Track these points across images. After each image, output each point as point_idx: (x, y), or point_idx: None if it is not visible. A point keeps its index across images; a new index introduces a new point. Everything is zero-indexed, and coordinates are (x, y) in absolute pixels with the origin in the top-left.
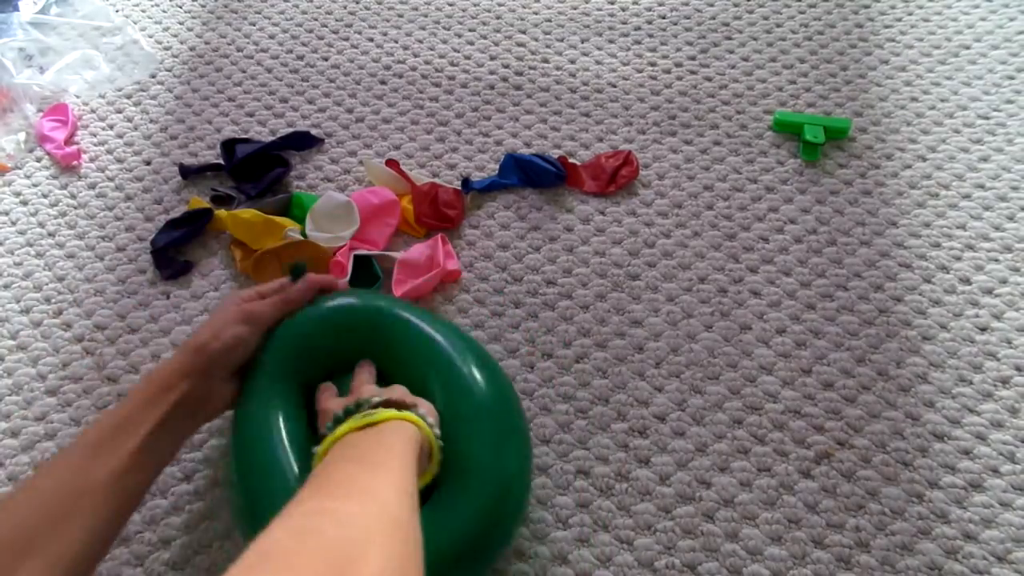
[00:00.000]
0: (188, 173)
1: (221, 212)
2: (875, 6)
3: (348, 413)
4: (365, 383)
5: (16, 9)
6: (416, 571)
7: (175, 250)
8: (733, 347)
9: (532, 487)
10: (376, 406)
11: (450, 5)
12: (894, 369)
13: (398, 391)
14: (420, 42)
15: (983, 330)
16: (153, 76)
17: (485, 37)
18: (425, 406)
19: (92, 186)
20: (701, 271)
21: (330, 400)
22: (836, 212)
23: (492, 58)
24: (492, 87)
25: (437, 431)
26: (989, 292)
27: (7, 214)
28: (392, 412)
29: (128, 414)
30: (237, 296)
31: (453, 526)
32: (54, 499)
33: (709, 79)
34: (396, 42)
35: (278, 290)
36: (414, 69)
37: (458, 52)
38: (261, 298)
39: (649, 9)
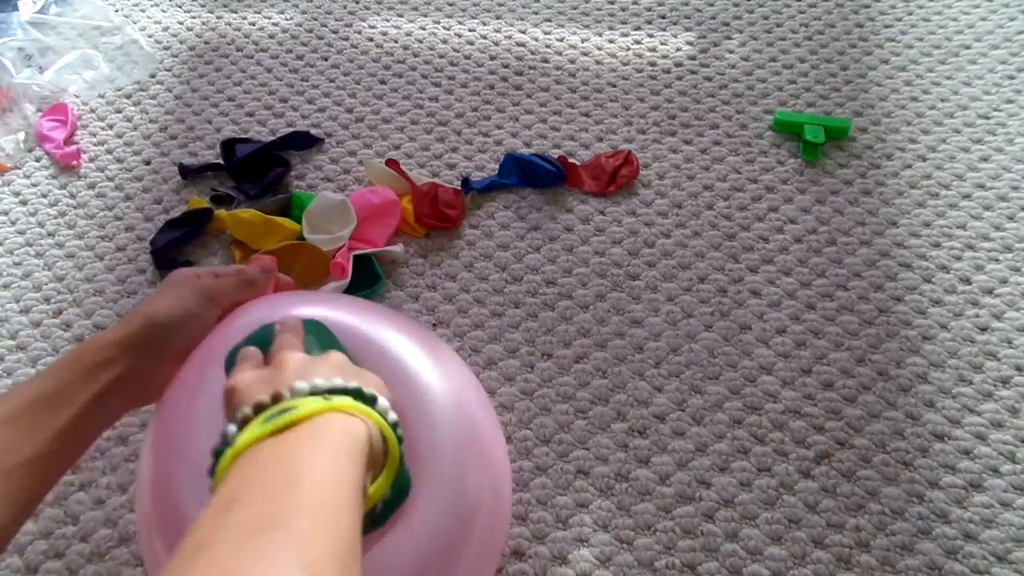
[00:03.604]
0: (188, 173)
1: (221, 212)
2: (875, 6)
3: (259, 411)
4: (287, 349)
5: (15, 9)
6: None
7: (175, 250)
8: (733, 347)
9: (531, 487)
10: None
11: (450, 5)
12: (894, 369)
13: (334, 359)
14: (420, 42)
15: (983, 330)
16: (153, 76)
17: (485, 37)
18: (371, 380)
19: (92, 186)
20: (701, 271)
21: (244, 374)
22: (836, 212)
23: (492, 58)
24: (492, 87)
25: (392, 416)
26: (989, 292)
27: (6, 214)
28: (319, 403)
29: (55, 388)
30: (191, 271)
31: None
32: None
33: (709, 79)
34: (396, 42)
35: (236, 273)
36: (414, 69)
37: (458, 52)
38: (214, 274)
39: (649, 9)
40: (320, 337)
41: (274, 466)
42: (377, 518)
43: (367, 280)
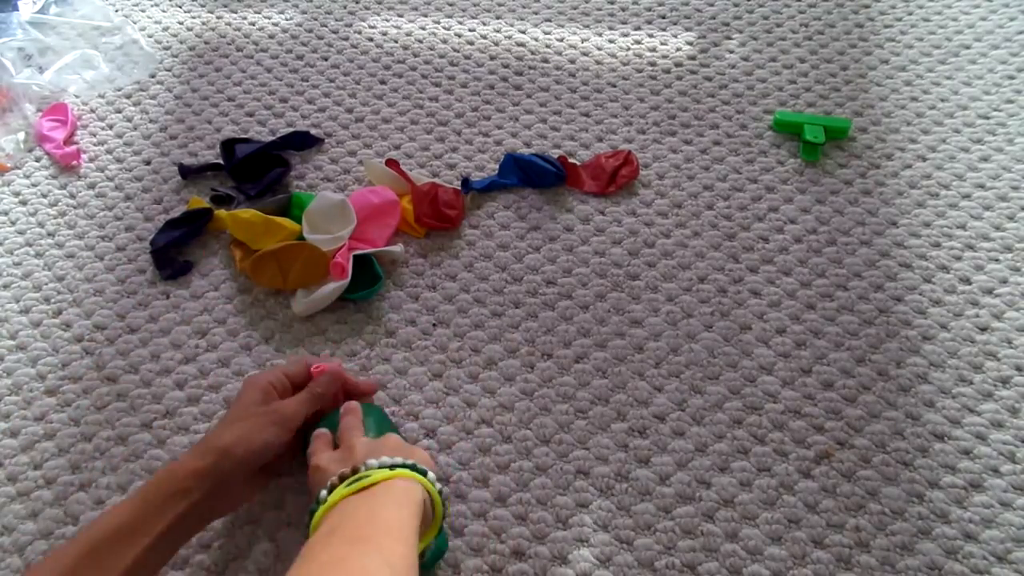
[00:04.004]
0: (188, 173)
1: (221, 212)
2: (875, 6)
3: (343, 479)
4: (353, 429)
5: (15, 9)
6: None
7: (175, 250)
8: (733, 347)
9: (531, 487)
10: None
11: (450, 5)
12: (894, 369)
13: (391, 442)
14: (420, 42)
15: (983, 330)
16: (153, 76)
17: (485, 37)
18: (420, 456)
19: (92, 186)
20: (701, 271)
21: (323, 455)
22: (836, 212)
23: (492, 58)
24: (492, 87)
25: (439, 485)
26: (989, 292)
27: (6, 214)
28: (387, 472)
29: (134, 517)
30: (264, 382)
31: None
32: None
33: (709, 79)
34: (396, 42)
35: (308, 393)
36: (414, 69)
37: (458, 52)
38: (286, 379)
39: (649, 9)
40: (376, 418)
41: (359, 510)
42: (424, 565)
43: (367, 280)
